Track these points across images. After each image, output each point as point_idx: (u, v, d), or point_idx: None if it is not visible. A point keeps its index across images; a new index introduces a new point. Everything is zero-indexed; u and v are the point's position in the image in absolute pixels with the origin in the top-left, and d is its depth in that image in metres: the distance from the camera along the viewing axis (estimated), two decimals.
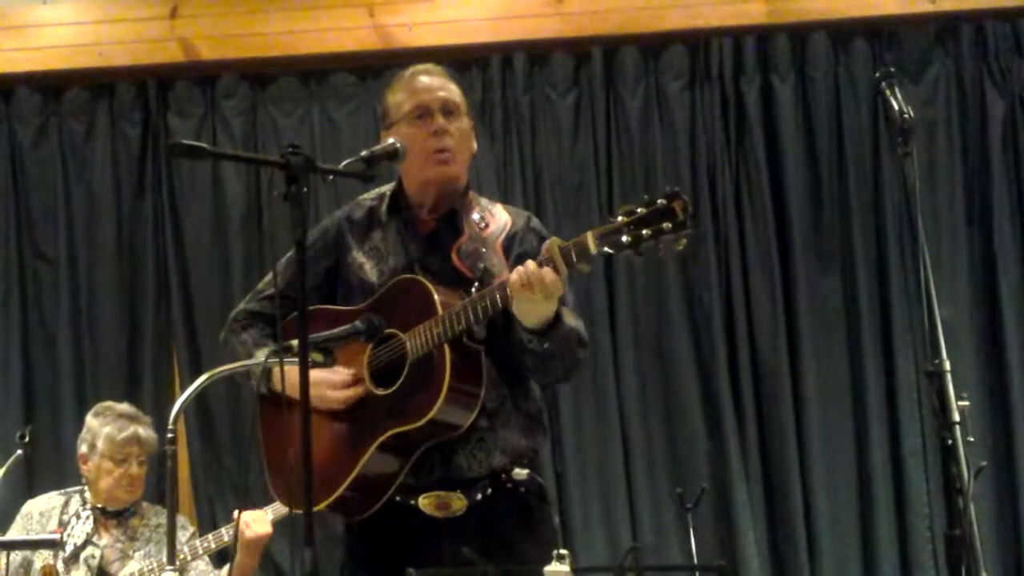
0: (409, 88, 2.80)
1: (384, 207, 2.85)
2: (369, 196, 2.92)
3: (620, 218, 2.41)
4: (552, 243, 2.50)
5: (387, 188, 2.89)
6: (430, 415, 2.57)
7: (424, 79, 2.81)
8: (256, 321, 2.91)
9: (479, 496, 2.68)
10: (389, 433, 2.62)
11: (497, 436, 2.70)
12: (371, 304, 2.74)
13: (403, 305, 2.67)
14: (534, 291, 2.48)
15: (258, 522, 3.79)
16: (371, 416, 2.68)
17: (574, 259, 2.46)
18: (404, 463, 2.66)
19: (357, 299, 2.79)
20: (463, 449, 2.67)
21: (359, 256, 2.83)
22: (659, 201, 2.38)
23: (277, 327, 2.74)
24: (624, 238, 2.39)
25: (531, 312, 2.54)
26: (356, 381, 2.71)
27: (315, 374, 2.60)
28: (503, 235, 2.80)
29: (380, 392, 2.67)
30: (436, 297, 2.63)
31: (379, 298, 2.74)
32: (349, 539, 2.83)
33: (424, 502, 2.67)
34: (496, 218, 2.83)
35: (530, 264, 2.48)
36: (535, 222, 2.89)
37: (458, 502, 2.67)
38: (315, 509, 2.57)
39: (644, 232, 2.37)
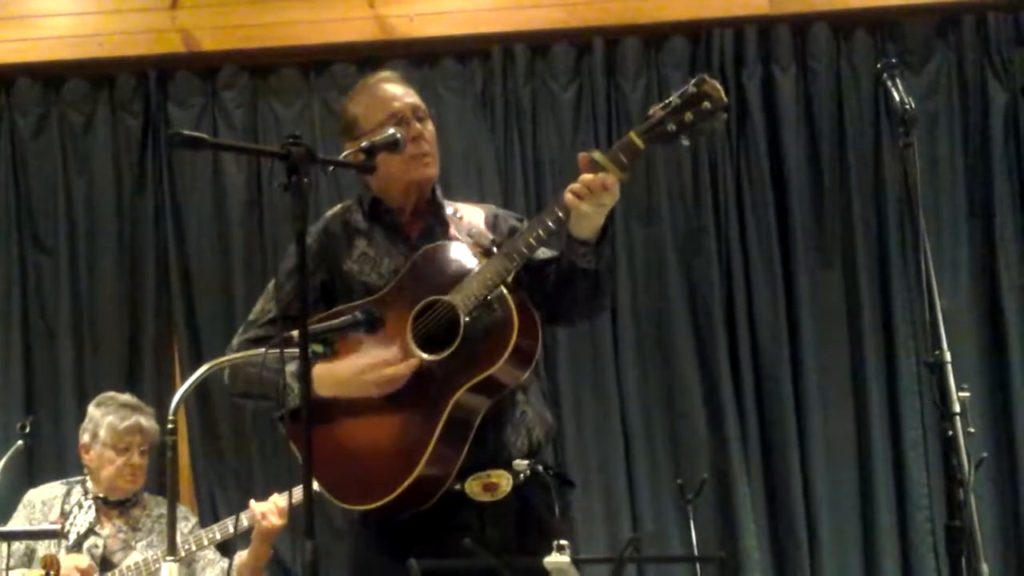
0: (377, 98, 2.82)
1: (360, 216, 2.84)
2: (333, 211, 2.91)
3: (657, 112, 2.46)
4: (595, 153, 2.52)
5: (348, 202, 2.89)
6: (508, 352, 2.54)
7: (388, 87, 2.83)
8: (258, 348, 2.84)
9: (521, 477, 2.67)
10: (465, 387, 2.58)
11: (533, 410, 2.73)
12: (393, 288, 2.71)
13: (435, 271, 2.67)
14: (596, 198, 2.50)
15: (273, 513, 3.82)
16: (435, 383, 2.62)
17: (624, 160, 2.50)
18: (468, 433, 2.61)
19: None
20: (511, 423, 2.68)
21: (352, 265, 2.82)
22: (690, 88, 2.44)
23: (279, 326, 2.69)
24: (670, 126, 2.44)
25: (586, 223, 2.56)
26: (405, 358, 2.65)
27: (360, 362, 2.63)
28: (482, 221, 2.83)
29: (437, 357, 2.62)
30: (471, 251, 2.63)
31: (402, 279, 2.72)
32: (378, 529, 2.74)
33: (473, 484, 2.65)
34: (466, 211, 2.86)
35: (585, 176, 2.51)
36: (503, 210, 2.94)
37: (505, 481, 2.66)
38: (387, 499, 2.57)
39: (686, 116, 2.42)
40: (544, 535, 2.59)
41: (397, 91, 2.82)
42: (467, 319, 2.59)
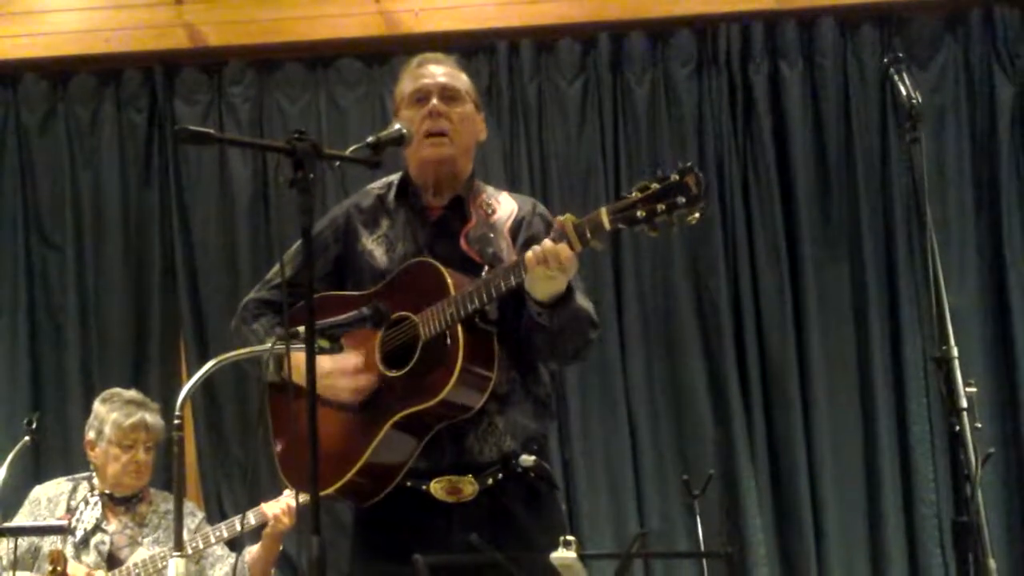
0: (413, 74, 2.86)
1: (392, 194, 2.87)
2: (377, 185, 2.94)
3: (634, 193, 2.44)
4: (566, 220, 2.52)
5: (395, 176, 2.91)
6: (442, 395, 2.58)
7: (429, 66, 2.86)
8: (266, 310, 2.92)
9: (490, 481, 2.69)
10: (402, 414, 2.63)
11: (507, 420, 2.71)
12: (382, 288, 2.75)
13: (415, 287, 2.69)
14: (550, 267, 2.50)
15: (285, 514, 3.84)
16: (383, 398, 2.68)
17: (588, 236, 2.49)
18: (415, 446, 2.66)
19: (367, 286, 2.80)
20: (473, 432, 2.68)
21: (368, 243, 2.84)
22: (672, 176, 2.41)
23: (284, 316, 2.76)
24: (638, 213, 2.42)
25: (543, 287, 2.57)
26: (368, 367, 2.71)
27: (326, 365, 2.62)
28: (510, 220, 2.83)
29: (392, 374, 2.68)
30: (449, 279, 2.64)
31: (390, 282, 2.76)
32: (358, 526, 2.84)
33: (435, 486, 2.67)
34: (502, 204, 2.86)
35: (547, 242, 2.51)
36: (541, 208, 2.92)
37: (469, 487, 2.67)
38: (325, 493, 2.59)
39: (658, 207, 2.41)
40: (519, 537, 2.63)
41: (434, 70, 2.84)
42: (422, 346, 2.63)
